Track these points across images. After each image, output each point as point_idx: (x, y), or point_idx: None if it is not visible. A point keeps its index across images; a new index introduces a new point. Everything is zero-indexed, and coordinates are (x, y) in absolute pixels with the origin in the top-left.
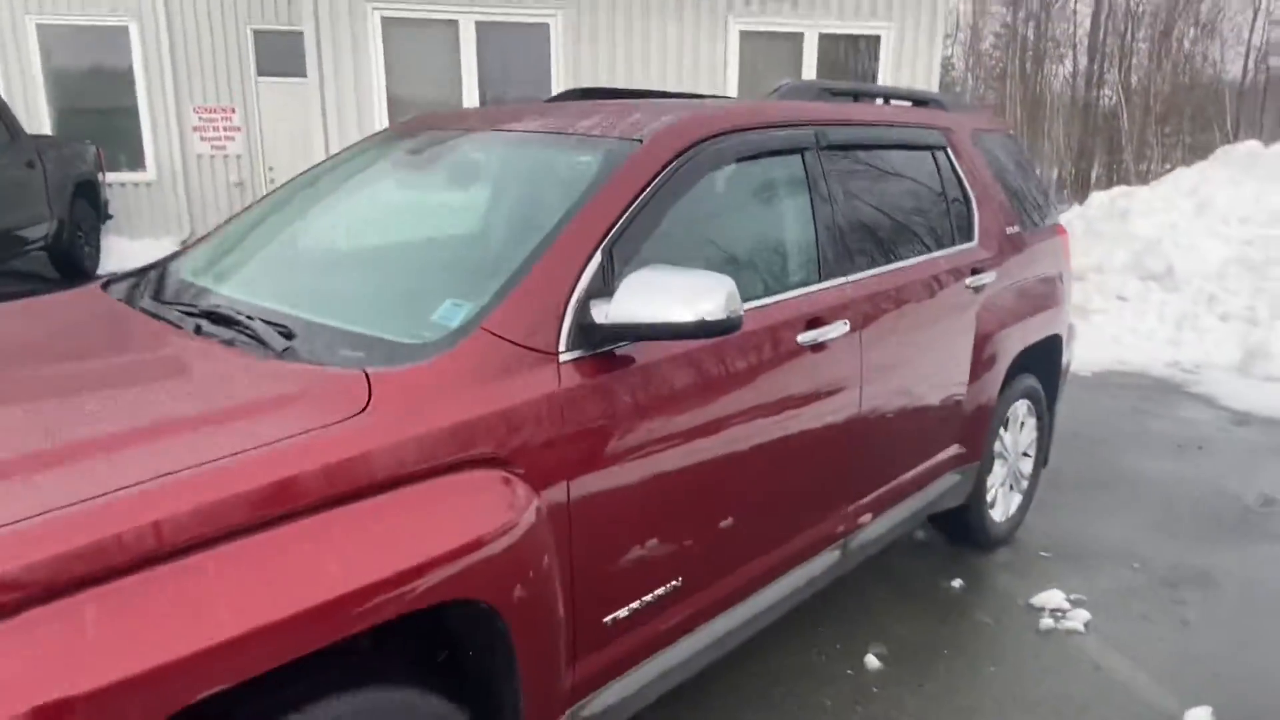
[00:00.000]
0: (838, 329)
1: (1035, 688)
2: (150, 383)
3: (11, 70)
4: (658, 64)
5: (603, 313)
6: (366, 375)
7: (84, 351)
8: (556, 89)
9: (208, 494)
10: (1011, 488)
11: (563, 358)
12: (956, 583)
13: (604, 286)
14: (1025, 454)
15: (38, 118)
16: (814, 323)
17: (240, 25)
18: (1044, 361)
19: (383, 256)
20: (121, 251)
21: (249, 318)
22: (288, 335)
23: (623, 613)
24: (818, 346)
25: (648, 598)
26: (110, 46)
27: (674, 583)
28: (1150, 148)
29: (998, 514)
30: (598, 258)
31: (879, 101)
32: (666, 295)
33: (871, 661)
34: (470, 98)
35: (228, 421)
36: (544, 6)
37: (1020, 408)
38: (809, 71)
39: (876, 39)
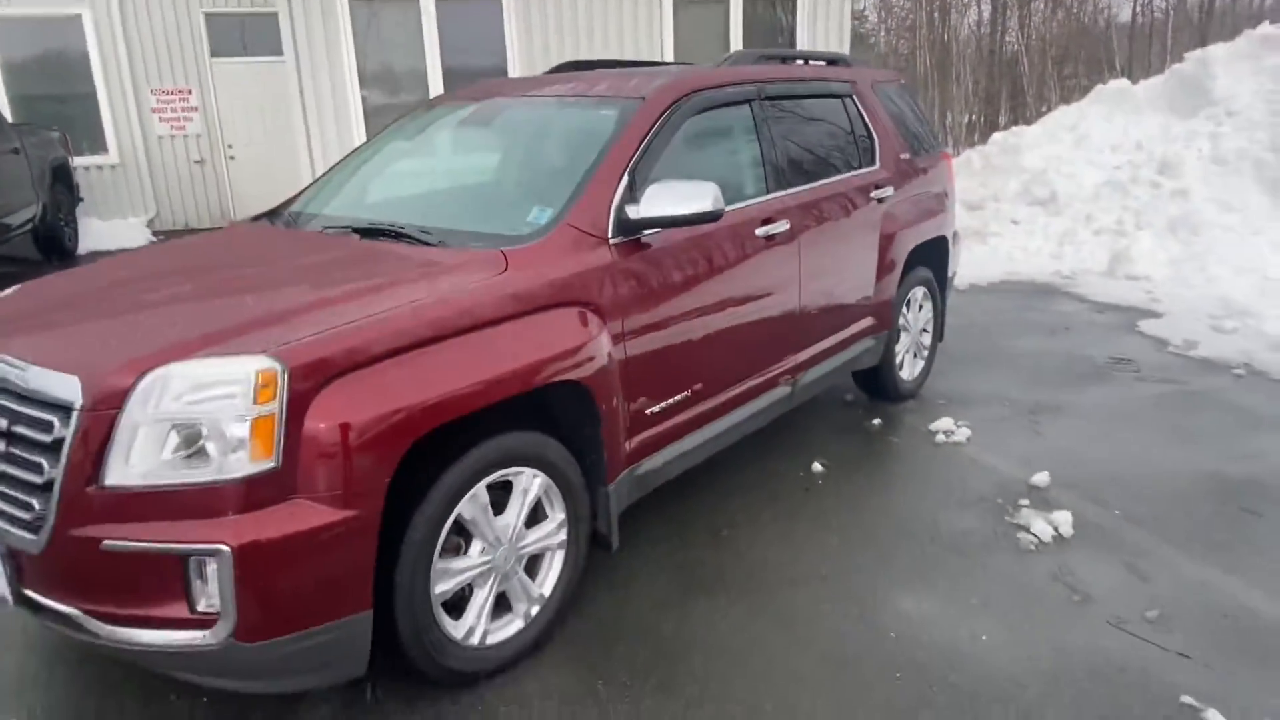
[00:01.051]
0: (782, 225)
1: (929, 474)
2: (361, 262)
3: None
4: (600, 32)
5: (634, 211)
6: (503, 252)
7: (298, 252)
8: (511, 59)
9: (442, 310)
10: (915, 355)
11: (611, 241)
12: (876, 421)
13: (632, 195)
14: (925, 330)
15: None
16: (766, 221)
17: (192, 8)
18: (935, 257)
19: (478, 185)
20: (96, 231)
21: (400, 226)
22: (429, 234)
23: (656, 408)
24: (770, 238)
25: (671, 400)
26: (65, 35)
27: (687, 392)
28: (1050, 90)
29: (905, 374)
30: (626, 177)
31: (800, 62)
32: (673, 198)
33: (816, 467)
34: (434, 70)
35: (435, 276)
36: None
37: (918, 292)
38: (736, 33)
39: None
